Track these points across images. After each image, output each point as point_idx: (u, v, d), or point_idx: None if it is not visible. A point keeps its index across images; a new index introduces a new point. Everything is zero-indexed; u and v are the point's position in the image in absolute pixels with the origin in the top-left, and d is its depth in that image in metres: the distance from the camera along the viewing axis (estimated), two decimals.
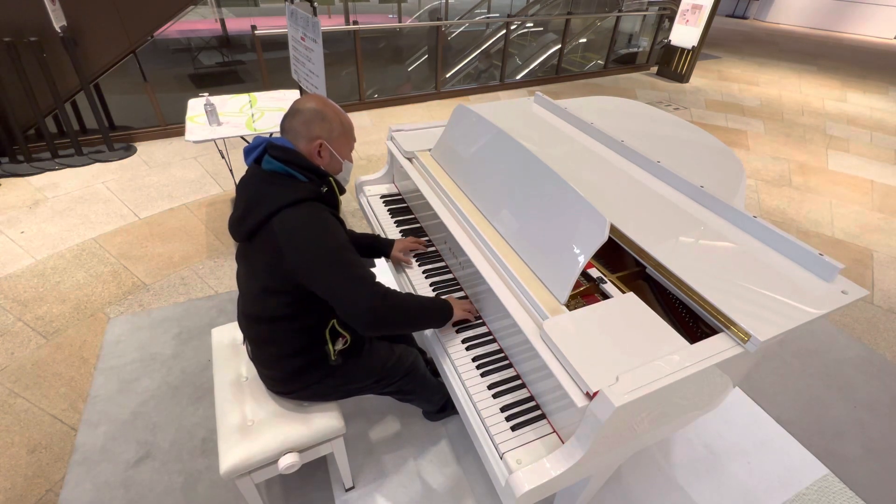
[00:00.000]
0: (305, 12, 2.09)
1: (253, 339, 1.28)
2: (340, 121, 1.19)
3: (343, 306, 1.08)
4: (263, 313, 1.18)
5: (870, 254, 3.15)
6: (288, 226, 1.06)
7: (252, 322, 1.23)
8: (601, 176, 1.60)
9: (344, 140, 1.21)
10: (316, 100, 1.16)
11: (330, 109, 1.16)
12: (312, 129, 1.14)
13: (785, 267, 1.21)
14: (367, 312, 1.08)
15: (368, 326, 1.10)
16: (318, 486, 1.63)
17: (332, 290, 1.08)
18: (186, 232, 2.91)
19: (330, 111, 1.16)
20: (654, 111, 2.24)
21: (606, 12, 7.01)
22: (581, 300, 1.26)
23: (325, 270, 1.07)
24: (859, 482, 1.75)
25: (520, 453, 1.04)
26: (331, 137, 1.17)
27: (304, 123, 1.14)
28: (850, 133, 5.27)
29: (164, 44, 5.99)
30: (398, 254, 1.58)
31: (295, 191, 1.09)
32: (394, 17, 7.67)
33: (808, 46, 10.11)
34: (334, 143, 1.18)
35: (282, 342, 1.22)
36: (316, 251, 1.06)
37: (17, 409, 1.85)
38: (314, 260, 1.06)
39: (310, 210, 1.09)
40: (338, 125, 1.18)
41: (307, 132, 1.14)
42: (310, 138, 1.14)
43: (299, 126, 1.14)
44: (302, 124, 1.14)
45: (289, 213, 1.07)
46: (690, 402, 1.16)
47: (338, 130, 1.18)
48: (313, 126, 1.14)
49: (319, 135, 1.15)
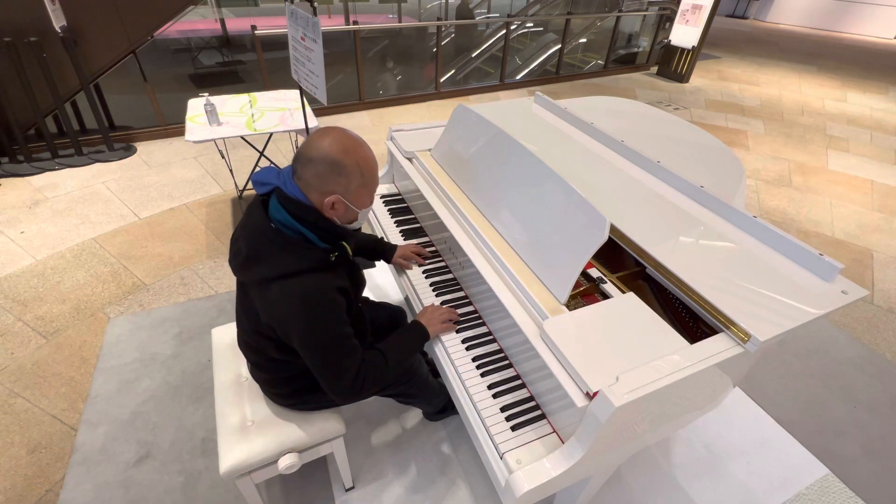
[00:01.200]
0: (305, 12, 2.08)
1: (251, 362, 1.28)
2: (361, 172, 1.01)
3: (323, 384, 1.08)
4: (259, 347, 1.17)
5: (870, 254, 3.15)
6: (286, 301, 0.98)
7: (250, 349, 1.23)
8: (601, 176, 1.60)
9: (363, 191, 1.04)
10: (333, 144, 0.97)
11: (350, 159, 0.98)
12: (326, 184, 0.98)
13: (785, 267, 1.21)
14: (341, 398, 1.11)
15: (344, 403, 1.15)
16: (318, 486, 1.63)
17: (315, 372, 1.07)
18: (186, 232, 2.90)
19: (350, 161, 0.98)
20: (654, 111, 2.24)
21: (606, 12, 7.02)
22: (581, 300, 1.26)
23: (310, 355, 1.04)
24: (859, 482, 1.75)
25: (520, 453, 1.04)
26: (347, 191, 1.01)
27: (318, 176, 0.98)
28: (850, 133, 5.27)
29: (164, 44, 5.99)
30: (399, 259, 1.58)
31: (301, 259, 0.99)
32: (394, 17, 7.67)
33: (808, 46, 10.11)
34: (351, 196, 1.02)
35: (279, 370, 1.22)
36: (308, 335, 1.01)
37: (17, 409, 1.85)
38: (302, 342, 1.02)
39: (311, 287, 0.99)
40: (357, 178, 1.00)
41: (320, 186, 0.98)
42: (323, 192, 0.99)
43: (312, 178, 0.98)
44: (315, 177, 0.98)
45: (290, 286, 0.98)
46: (690, 402, 1.16)
47: (356, 183, 1.01)
48: (328, 181, 0.98)
49: (334, 190, 0.99)
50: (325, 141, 0.98)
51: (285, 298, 0.98)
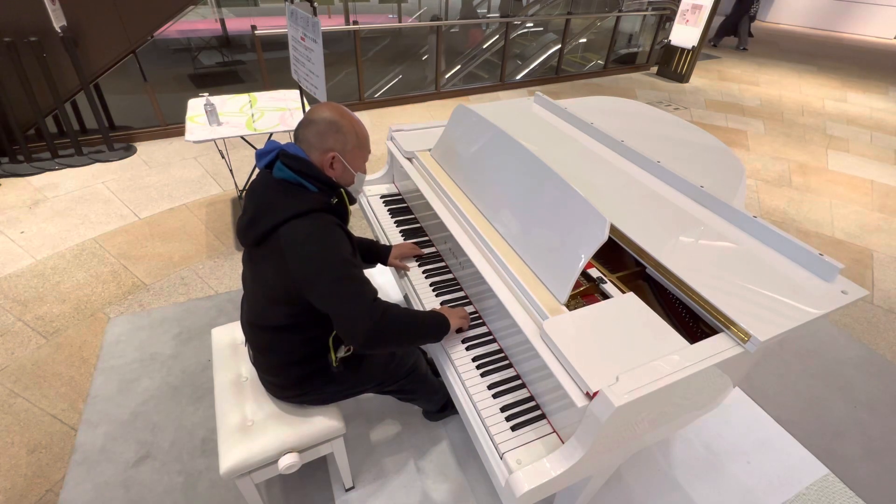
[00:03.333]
0: (305, 12, 2.09)
1: (255, 346, 1.28)
2: (356, 133, 1.16)
3: (340, 323, 1.06)
4: (267, 322, 1.18)
5: (870, 254, 3.15)
6: (294, 236, 1.05)
7: (255, 329, 1.23)
8: (601, 176, 1.60)
9: (358, 153, 1.18)
10: (331, 109, 1.13)
11: (346, 121, 1.13)
12: (326, 141, 1.12)
13: (785, 267, 1.21)
14: (363, 332, 1.05)
15: (364, 346, 1.07)
16: (318, 486, 1.63)
17: (331, 305, 1.06)
18: (186, 232, 2.91)
19: (345, 123, 1.13)
20: (654, 111, 2.24)
21: (606, 12, 7.01)
22: (581, 300, 1.26)
23: (325, 284, 1.05)
24: (859, 482, 1.75)
25: (520, 453, 1.04)
26: (344, 150, 1.14)
27: (318, 135, 1.11)
28: (850, 133, 5.27)
29: (164, 44, 5.99)
30: (395, 260, 1.58)
31: (304, 201, 1.08)
32: (394, 17, 7.67)
33: (808, 46, 10.10)
34: (348, 156, 1.16)
35: (284, 351, 1.22)
36: (319, 264, 1.05)
37: (17, 409, 1.85)
38: (316, 272, 1.05)
39: (317, 221, 1.07)
40: (352, 137, 1.15)
41: (320, 144, 1.11)
42: (323, 150, 1.12)
43: (312, 137, 1.11)
44: (315, 135, 1.11)
45: (296, 224, 1.06)
46: (690, 402, 1.16)
47: (352, 143, 1.15)
48: (327, 138, 1.12)
49: (332, 147, 1.12)
50: (324, 107, 1.14)
51: (292, 235, 1.05)
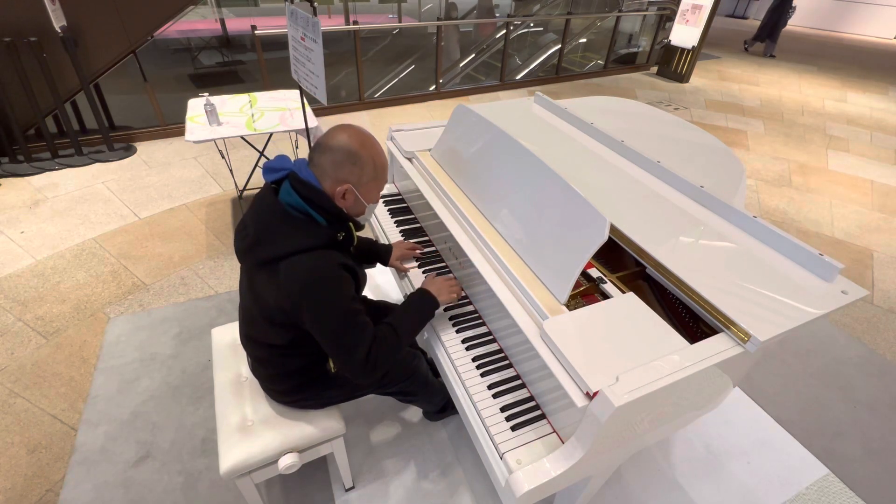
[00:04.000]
0: (305, 12, 2.08)
1: (253, 357, 1.28)
2: (374, 164, 1.07)
3: (337, 362, 1.09)
4: (264, 339, 1.17)
5: (870, 254, 3.15)
6: (295, 275, 1.00)
7: (253, 343, 1.23)
8: (601, 176, 1.60)
9: (373, 185, 1.10)
10: (351, 137, 1.04)
11: (365, 152, 1.05)
12: (341, 172, 1.04)
13: (785, 267, 1.21)
14: (357, 374, 1.09)
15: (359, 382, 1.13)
16: (318, 486, 1.63)
17: (328, 348, 1.07)
18: (186, 232, 2.90)
19: (364, 154, 1.05)
20: (654, 111, 2.24)
21: (606, 12, 7.01)
22: (581, 300, 1.26)
23: (322, 330, 1.05)
24: (859, 482, 1.75)
25: (520, 453, 1.04)
26: (359, 183, 1.06)
27: (334, 164, 1.03)
28: (850, 133, 5.27)
29: (164, 44, 5.99)
30: (395, 262, 1.58)
31: (310, 236, 1.03)
32: (394, 17, 7.68)
33: (808, 46, 10.11)
34: (362, 189, 1.08)
35: (282, 363, 1.22)
36: (317, 310, 1.02)
37: (17, 409, 1.85)
38: (314, 318, 1.03)
39: (320, 262, 1.02)
40: (370, 170, 1.07)
41: (335, 173, 1.04)
42: (336, 180, 1.04)
43: (328, 165, 1.03)
44: (331, 164, 1.03)
45: (299, 261, 1.01)
46: (690, 403, 1.16)
47: (369, 175, 1.07)
48: (342, 169, 1.04)
49: (347, 179, 1.05)
50: (344, 133, 1.05)
51: (295, 274, 1.01)
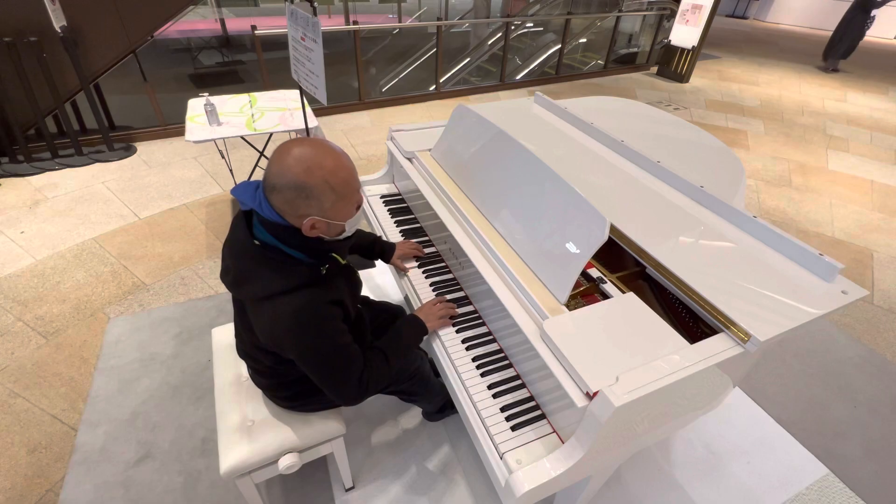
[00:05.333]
0: (305, 12, 2.09)
1: (252, 367, 1.28)
2: (331, 188, 0.92)
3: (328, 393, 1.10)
4: (259, 358, 1.17)
5: (870, 254, 3.15)
6: (279, 321, 0.96)
7: (248, 357, 1.23)
8: (601, 176, 1.60)
9: (341, 204, 0.96)
10: (295, 164, 0.88)
11: (315, 178, 0.89)
12: (298, 209, 0.92)
13: (785, 267, 1.21)
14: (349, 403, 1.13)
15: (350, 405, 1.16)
16: (318, 486, 1.63)
17: (318, 382, 1.07)
18: (186, 232, 2.90)
19: (315, 181, 0.89)
20: (654, 111, 2.24)
21: (606, 12, 7.01)
22: (581, 300, 1.26)
23: (311, 368, 1.04)
24: (859, 482, 1.75)
25: (520, 453, 1.04)
26: (322, 211, 0.93)
27: (287, 202, 0.91)
28: (850, 133, 5.27)
29: (164, 44, 6.00)
30: (398, 261, 1.58)
31: (289, 277, 0.96)
32: (394, 17, 7.68)
33: (808, 46, 10.10)
34: (329, 213, 0.95)
35: (280, 375, 1.22)
36: (305, 352, 1.01)
37: (17, 409, 1.85)
38: (302, 359, 1.02)
39: (305, 304, 0.96)
40: (328, 195, 0.92)
41: (293, 211, 0.92)
42: (298, 216, 0.93)
43: (282, 205, 0.92)
44: (284, 203, 0.91)
45: (282, 304, 0.95)
46: (690, 403, 1.16)
47: (329, 200, 0.93)
48: (298, 206, 0.91)
49: (308, 213, 0.93)
50: (285, 162, 0.89)
51: (278, 318, 0.96)
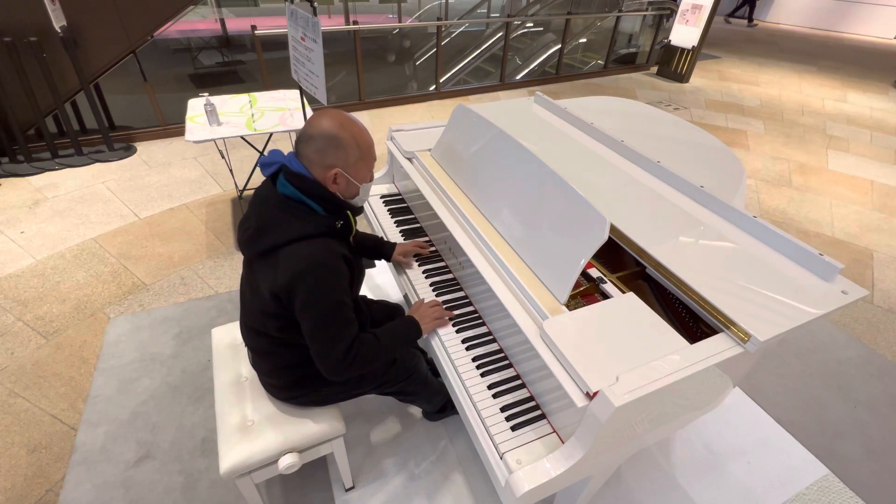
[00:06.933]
0: (305, 12, 2.09)
1: (253, 349, 1.29)
2: (357, 145, 1.09)
3: (315, 353, 1.11)
4: (262, 329, 1.19)
5: (870, 254, 3.15)
6: (293, 262, 1.03)
7: (252, 333, 1.24)
8: (601, 176, 1.60)
9: (362, 164, 1.12)
10: (330, 121, 1.06)
11: (346, 133, 1.07)
12: (326, 158, 1.06)
13: (785, 267, 1.21)
14: (331, 371, 1.12)
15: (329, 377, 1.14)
16: (318, 486, 1.63)
17: (310, 338, 1.09)
18: (186, 232, 2.90)
19: (346, 135, 1.07)
20: (654, 111, 2.24)
21: (606, 12, 7.01)
22: (581, 300, 1.26)
23: (310, 319, 1.07)
24: (859, 482, 1.75)
25: (520, 453, 1.04)
26: (347, 164, 1.09)
27: (318, 152, 1.06)
28: (850, 133, 5.27)
29: (164, 44, 6.00)
30: (399, 257, 1.59)
31: (308, 224, 1.06)
32: (394, 17, 7.68)
33: (808, 46, 10.10)
34: (351, 170, 1.10)
35: (281, 355, 1.23)
36: (309, 295, 1.04)
37: (17, 409, 1.85)
38: (304, 303, 1.05)
39: (319, 250, 1.05)
40: (354, 151, 1.09)
41: (321, 160, 1.07)
42: (324, 167, 1.07)
43: (313, 154, 1.06)
44: (315, 152, 1.06)
45: (298, 248, 1.04)
46: (690, 403, 1.16)
47: (354, 156, 1.09)
48: (327, 154, 1.06)
49: (334, 163, 1.07)
50: (322, 119, 1.07)
51: (293, 259, 1.03)
